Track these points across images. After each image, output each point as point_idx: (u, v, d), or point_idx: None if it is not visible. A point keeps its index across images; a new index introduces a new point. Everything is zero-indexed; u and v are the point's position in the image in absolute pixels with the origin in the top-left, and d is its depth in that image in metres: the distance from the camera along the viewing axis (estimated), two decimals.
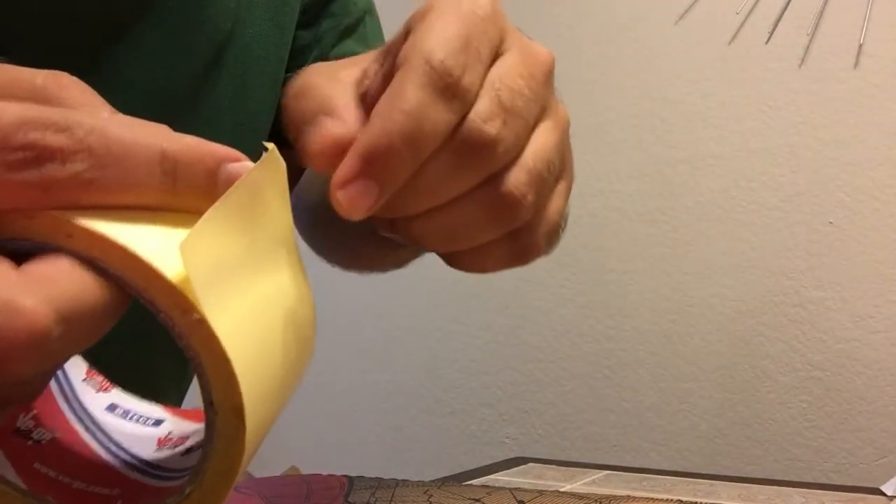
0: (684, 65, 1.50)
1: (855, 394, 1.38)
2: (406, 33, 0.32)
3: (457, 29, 0.30)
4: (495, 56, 0.32)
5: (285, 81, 0.55)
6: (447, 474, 0.86)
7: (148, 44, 0.45)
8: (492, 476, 0.83)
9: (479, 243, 0.34)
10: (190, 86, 0.47)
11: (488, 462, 1.00)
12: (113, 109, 0.25)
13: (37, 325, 0.20)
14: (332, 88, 0.33)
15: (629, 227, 1.53)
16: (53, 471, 0.27)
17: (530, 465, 0.92)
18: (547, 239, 0.35)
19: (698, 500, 0.72)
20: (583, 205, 1.57)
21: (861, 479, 1.34)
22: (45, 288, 0.21)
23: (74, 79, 0.25)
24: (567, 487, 0.77)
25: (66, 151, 0.22)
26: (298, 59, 0.57)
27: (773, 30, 1.44)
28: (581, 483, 0.80)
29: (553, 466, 0.90)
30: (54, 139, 0.22)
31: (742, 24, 1.46)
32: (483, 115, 0.30)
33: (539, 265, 1.53)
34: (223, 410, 0.23)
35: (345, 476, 0.63)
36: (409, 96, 0.29)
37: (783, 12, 1.44)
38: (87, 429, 0.29)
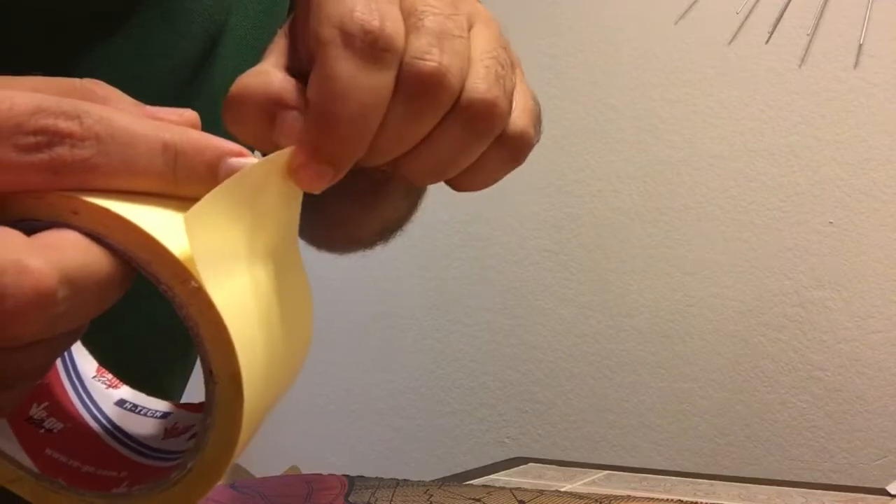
0: (684, 65, 1.50)
1: (855, 394, 1.38)
2: (300, 8, 0.31)
3: None
4: None
5: None
6: (447, 474, 0.86)
7: (142, 34, 0.45)
8: (492, 476, 0.83)
9: (471, 162, 0.33)
10: (184, 76, 0.47)
11: (488, 462, 1.00)
12: (136, 102, 0.26)
13: (43, 284, 0.21)
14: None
15: (629, 227, 1.53)
16: (64, 456, 0.28)
17: (530, 465, 0.92)
18: (532, 126, 0.34)
19: (698, 500, 0.72)
20: (583, 205, 1.57)
21: (861, 479, 1.34)
22: (53, 253, 0.22)
23: (100, 82, 0.26)
24: (567, 487, 0.77)
25: (76, 137, 0.23)
26: None
27: (773, 30, 1.44)
28: (581, 483, 0.80)
29: (553, 466, 0.90)
30: (65, 125, 0.23)
31: (742, 24, 1.46)
32: (417, 52, 0.29)
33: (539, 265, 1.53)
34: (221, 379, 0.24)
35: (345, 476, 0.63)
36: (338, 75, 0.28)
37: (783, 12, 1.44)
38: (96, 420, 0.30)
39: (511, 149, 0.33)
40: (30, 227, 0.23)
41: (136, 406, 0.32)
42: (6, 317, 0.21)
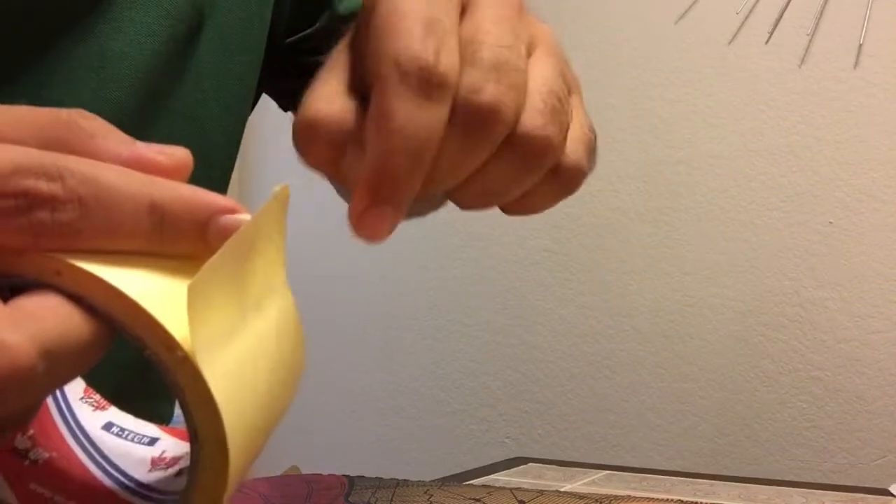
0: (684, 65, 1.50)
1: (855, 394, 1.38)
2: (362, 27, 0.31)
3: (413, 13, 0.29)
4: (462, 11, 0.31)
5: (297, 41, 0.56)
6: (447, 474, 0.86)
7: (129, 14, 0.45)
8: (492, 476, 0.83)
9: (523, 192, 0.32)
10: (173, 53, 0.47)
11: (488, 462, 1.00)
12: (125, 138, 0.25)
13: (20, 360, 0.20)
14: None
15: (629, 227, 1.53)
16: (49, 491, 0.27)
17: (530, 465, 0.92)
18: (586, 157, 0.34)
19: (698, 500, 0.72)
20: (583, 205, 1.57)
21: (861, 479, 1.34)
22: (32, 324, 0.21)
23: (87, 114, 0.25)
24: (567, 487, 0.77)
25: (58, 200, 0.22)
26: (308, 16, 0.58)
27: (773, 30, 1.44)
28: (581, 483, 0.80)
29: (553, 466, 0.90)
30: (46, 188, 0.22)
31: (742, 24, 1.46)
32: (472, 86, 0.29)
33: (539, 265, 1.52)
34: (207, 444, 0.24)
35: (345, 476, 0.63)
36: (394, 112, 0.28)
37: (783, 12, 1.44)
38: (83, 448, 0.30)
39: (564, 181, 0.33)
40: (10, 283, 0.22)
41: (122, 430, 0.31)
42: None
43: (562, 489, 0.75)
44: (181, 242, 0.24)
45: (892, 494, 0.80)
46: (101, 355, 0.23)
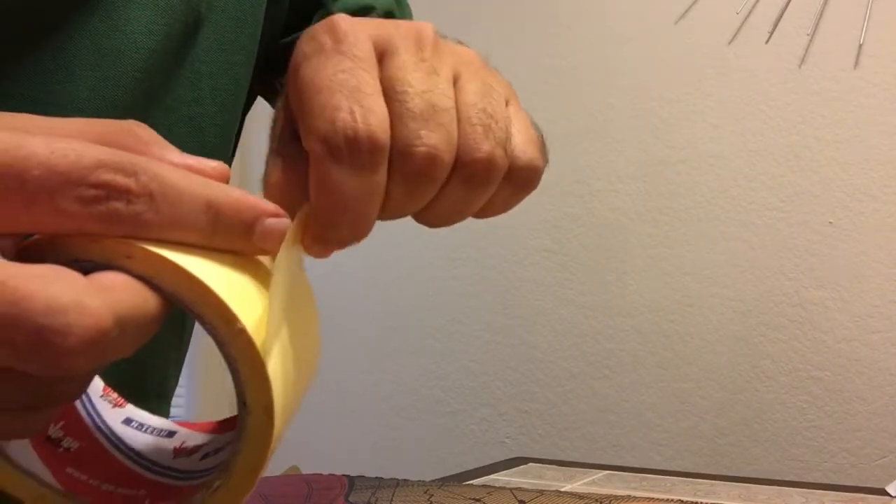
0: (684, 65, 1.50)
1: (855, 394, 1.38)
2: (290, 89, 0.33)
3: (330, 85, 0.30)
4: (379, 61, 0.32)
5: (289, 43, 0.56)
6: (447, 474, 0.86)
7: (125, 13, 0.45)
8: (492, 476, 0.83)
9: (483, 204, 0.34)
10: (170, 51, 0.47)
11: (488, 462, 1.00)
12: (175, 149, 0.28)
13: (100, 323, 0.23)
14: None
15: (629, 227, 1.53)
16: (84, 475, 0.30)
17: (530, 465, 0.92)
18: (539, 155, 0.35)
19: (698, 500, 0.72)
20: (583, 205, 1.57)
21: (861, 479, 1.34)
22: (109, 295, 0.24)
23: (143, 125, 0.28)
24: (567, 487, 0.77)
25: (132, 193, 0.25)
26: (303, 15, 0.58)
27: (773, 30, 1.45)
28: (581, 483, 0.80)
29: (553, 466, 0.90)
30: (123, 181, 0.25)
31: (742, 24, 1.46)
32: (406, 139, 0.31)
33: (539, 265, 1.53)
34: (255, 410, 0.27)
35: (345, 476, 0.63)
36: (330, 183, 0.30)
37: (783, 12, 1.44)
38: (108, 440, 0.32)
39: (521, 180, 0.34)
40: (83, 267, 0.25)
41: (141, 425, 0.33)
42: (66, 353, 0.22)
43: (562, 489, 0.75)
44: (231, 239, 0.27)
45: (889, 494, 0.80)
46: (157, 330, 0.26)
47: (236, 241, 0.27)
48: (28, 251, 0.26)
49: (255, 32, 0.55)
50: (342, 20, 0.32)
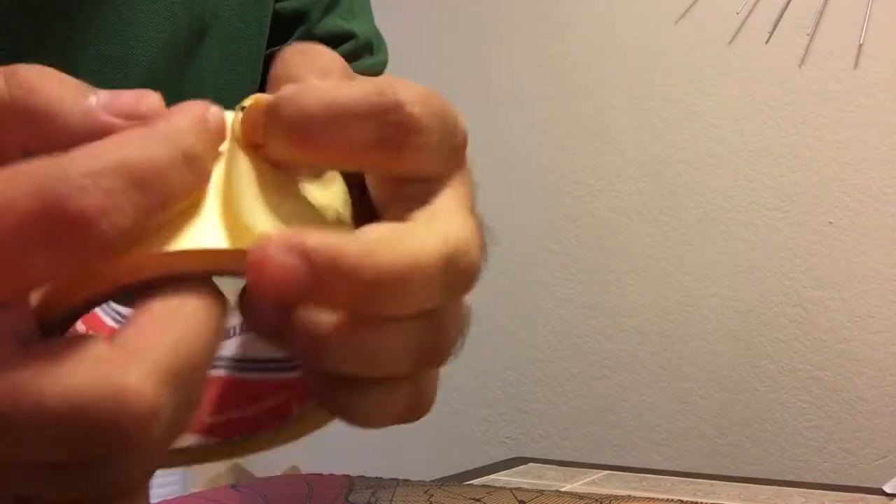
0: (684, 65, 1.50)
1: (855, 394, 1.38)
2: None
3: None
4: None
5: (267, 56, 0.55)
6: (447, 474, 0.86)
7: (129, 17, 0.45)
8: (492, 476, 0.83)
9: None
10: (173, 60, 0.47)
11: (488, 462, 1.00)
12: (92, 89, 0.24)
13: (144, 401, 0.19)
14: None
15: (629, 227, 1.53)
16: (224, 414, 0.29)
17: (530, 465, 0.92)
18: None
19: (698, 500, 0.72)
20: (583, 205, 1.57)
21: (861, 479, 1.34)
22: (144, 352, 0.20)
23: (40, 69, 0.24)
24: (567, 487, 0.77)
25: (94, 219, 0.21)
26: (283, 32, 0.57)
27: (773, 30, 1.44)
28: (581, 483, 0.80)
29: (553, 466, 0.90)
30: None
31: (742, 24, 1.46)
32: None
33: (539, 265, 1.52)
34: None
35: (345, 476, 0.63)
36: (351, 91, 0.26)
37: (783, 12, 1.44)
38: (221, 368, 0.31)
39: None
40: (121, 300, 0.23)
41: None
42: (114, 452, 0.19)
43: (562, 489, 0.75)
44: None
45: (886, 494, 0.80)
46: (220, 338, 0.23)
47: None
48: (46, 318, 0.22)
49: (260, 43, 0.55)
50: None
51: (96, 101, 0.24)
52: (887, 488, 0.81)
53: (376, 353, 0.24)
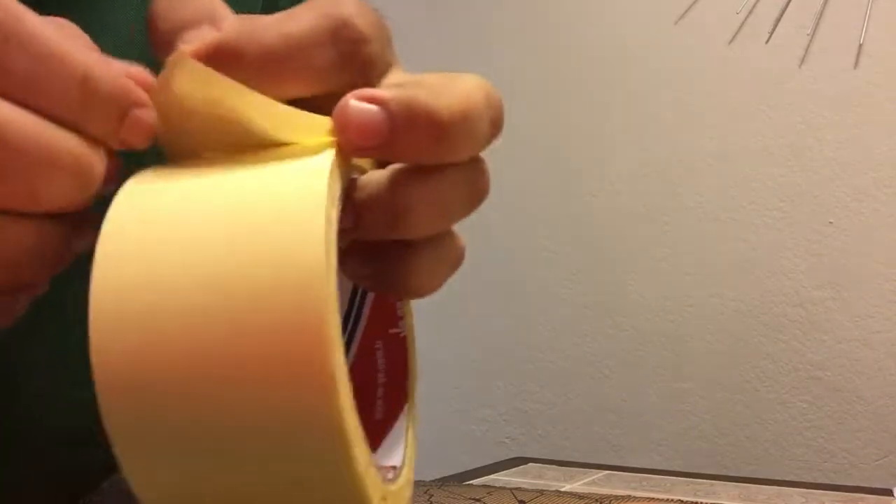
0: (684, 65, 1.50)
1: (855, 394, 1.38)
2: None
3: None
4: None
5: None
6: (447, 474, 0.86)
7: (113, 14, 0.44)
8: (492, 476, 0.83)
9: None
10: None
11: (488, 462, 1.00)
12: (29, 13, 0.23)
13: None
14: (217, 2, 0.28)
15: (629, 227, 1.53)
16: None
17: (530, 465, 0.92)
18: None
19: (698, 500, 0.72)
20: (583, 205, 1.57)
21: (861, 479, 1.34)
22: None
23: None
24: (567, 487, 0.77)
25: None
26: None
27: (773, 30, 1.44)
28: (581, 483, 0.80)
29: (553, 466, 0.90)
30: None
31: (742, 24, 1.46)
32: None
33: (539, 265, 1.52)
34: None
35: None
36: (299, 23, 0.26)
37: (783, 12, 1.44)
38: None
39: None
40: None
41: None
42: None
43: (562, 489, 0.75)
44: (99, 124, 0.23)
45: (893, 495, 0.80)
46: None
47: (104, 126, 0.23)
48: None
49: None
50: None
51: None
52: None
53: (448, 202, 0.27)
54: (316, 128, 0.23)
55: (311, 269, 0.18)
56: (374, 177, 0.27)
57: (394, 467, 0.27)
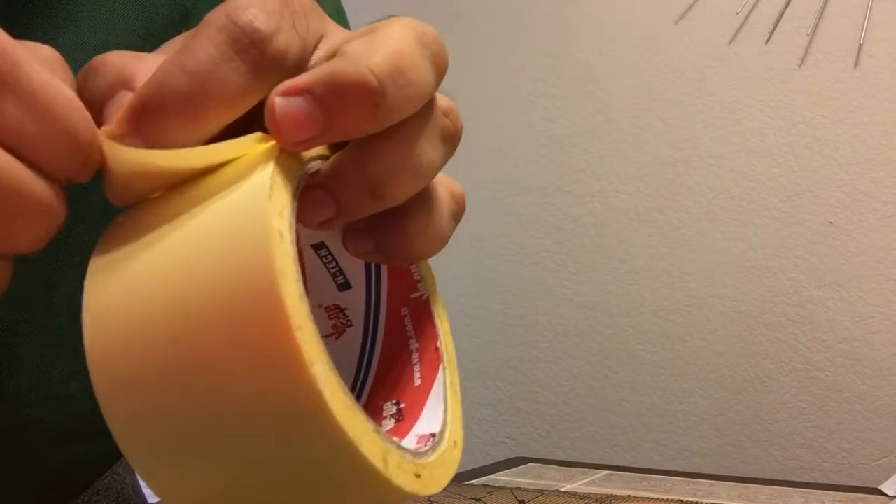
0: (684, 65, 1.50)
1: (855, 394, 1.38)
2: None
3: None
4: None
5: None
6: None
7: (105, 6, 0.44)
8: (492, 476, 0.83)
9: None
10: (153, 48, 0.47)
11: (488, 462, 1.00)
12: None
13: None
14: (128, 59, 0.28)
15: (629, 227, 1.53)
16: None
17: (530, 465, 0.92)
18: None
19: (698, 500, 0.72)
20: (583, 205, 1.56)
21: (861, 479, 1.34)
22: None
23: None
24: (567, 487, 0.77)
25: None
26: None
27: (773, 30, 1.44)
28: (581, 483, 0.80)
29: (553, 466, 0.90)
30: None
31: (742, 24, 1.46)
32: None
33: (539, 265, 1.52)
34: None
35: None
36: (198, 53, 0.24)
37: (783, 12, 1.44)
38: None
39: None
40: None
41: (329, 257, 0.32)
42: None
43: (562, 489, 0.75)
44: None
45: (884, 494, 0.80)
46: None
47: (73, 170, 0.23)
48: None
49: None
50: None
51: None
52: (885, 488, 0.81)
53: (419, 158, 0.26)
54: (250, 141, 0.24)
55: (261, 266, 0.21)
56: (339, 159, 0.26)
57: (432, 435, 0.28)
